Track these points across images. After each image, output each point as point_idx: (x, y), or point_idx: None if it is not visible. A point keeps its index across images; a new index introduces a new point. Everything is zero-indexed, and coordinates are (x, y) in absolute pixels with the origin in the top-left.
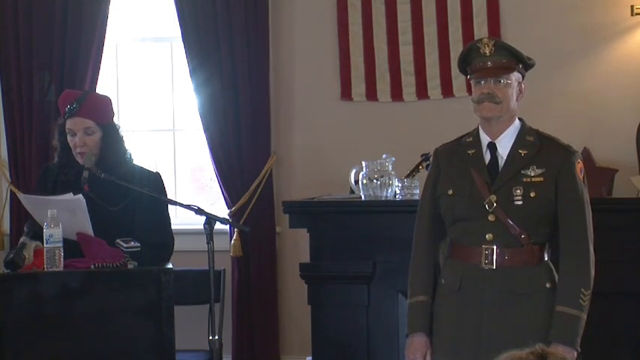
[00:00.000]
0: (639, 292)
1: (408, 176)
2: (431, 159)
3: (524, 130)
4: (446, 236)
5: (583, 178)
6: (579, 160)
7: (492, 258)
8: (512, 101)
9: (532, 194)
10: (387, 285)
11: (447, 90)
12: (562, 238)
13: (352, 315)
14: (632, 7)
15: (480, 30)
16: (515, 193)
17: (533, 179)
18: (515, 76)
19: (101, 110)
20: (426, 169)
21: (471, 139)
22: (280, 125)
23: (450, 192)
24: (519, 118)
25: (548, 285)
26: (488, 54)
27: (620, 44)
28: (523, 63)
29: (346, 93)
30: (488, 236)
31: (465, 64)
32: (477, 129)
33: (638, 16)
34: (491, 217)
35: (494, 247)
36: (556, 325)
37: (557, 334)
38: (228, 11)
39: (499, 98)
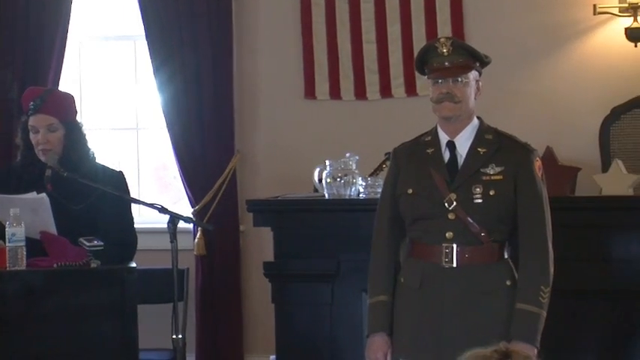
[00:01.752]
0: (600, 290)
1: (371, 175)
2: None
3: (483, 129)
4: (405, 235)
5: (542, 176)
6: (538, 159)
7: (452, 256)
8: (471, 100)
9: (491, 192)
10: (350, 283)
11: (410, 89)
12: (521, 235)
13: (316, 313)
14: (594, 6)
15: (443, 29)
16: (474, 192)
17: (492, 177)
18: (473, 74)
19: (64, 108)
20: None
21: (429, 138)
22: (244, 124)
23: (410, 191)
24: (478, 117)
25: (508, 283)
26: (445, 53)
27: (582, 43)
28: (480, 61)
29: (310, 91)
30: (449, 235)
31: (422, 64)
32: (436, 128)
33: (600, 15)
34: (451, 216)
35: (455, 246)
36: (516, 323)
37: (517, 331)
38: (191, 9)
39: (458, 98)
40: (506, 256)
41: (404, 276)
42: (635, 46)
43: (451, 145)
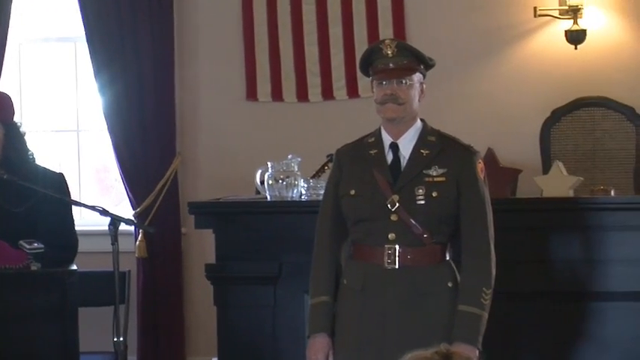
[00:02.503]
0: (540, 291)
1: (313, 176)
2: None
3: (426, 131)
4: (348, 236)
5: (484, 178)
6: (480, 160)
7: (395, 258)
8: (415, 102)
9: (434, 194)
10: (293, 285)
11: (352, 90)
12: (464, 237)
13: (258, 316)
14: (535, 8)
15: (385, 31)
16: (417, 193)
17: (435, 179)
18: (417, 76)
19: (3, 108)
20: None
21: (372, 139)
22: (186, 126)
23: (353, 192)
24: (421, 119)
25: (450, 284)
26: (390, 55)
27: (523, 46)
28: (424, 64)
29: (252, 93)
30: (391, 236)
31: (367, 66)
32: (379, 129)
33: (541, 17)
34: (393, 217)
35: (397, 247)
36: (458, 324)
37: (459, 333)
38: (132, 11)
39: (402, 99)
40: (448, 258)
41: (346, 277)
42: (575, 48)
43: (394, 147)
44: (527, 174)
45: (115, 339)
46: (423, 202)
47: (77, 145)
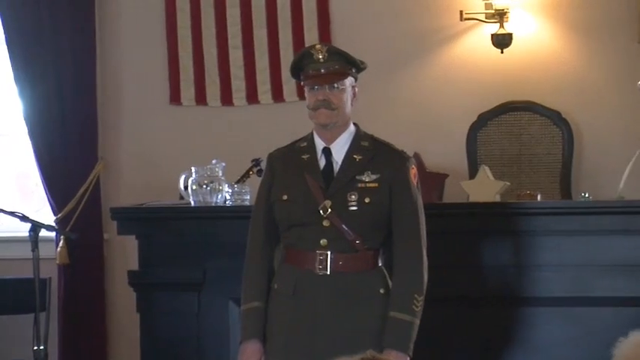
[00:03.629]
0: (470, 296)
1: (238, 182)
2: (263, 164)
3: (359, 136)
4: (280, 242)
5: (417, 183)
6: (413, 166)
7: (326, 263)
8: (348, 106)
9: (367, 200)
10: (217, 292)
11: (277, 95)
12: (396, 243)
13: (182, 323)
14: (461, 12)
15: (310, 34)
16: (349, 199)
17: (367, 185)
18: (349, 80)
19: None
20: (257, 174)
21: (305, 143)
22: (108, 130)
23: (285, 197)
24: (354, 123)
25: (382, 291)
26: (321, 60)
27: (449, 49)
28: (356, 67)
29: (175, 97)
30: (323, 242)
31: (298, 70)
32: (312, 134)
33: (467, 21)
34: (325, 223)
35: (329, 253)
36: (389, 331)
37: (390, 340)
38: (52, 14)
39: (334, 104)
40: (380, 264)
41: (277, 282)
42: (502, 52)
43: (327, 152)
44: (454, 179)
45: (36, 347)
46: (355, 208)
47: None
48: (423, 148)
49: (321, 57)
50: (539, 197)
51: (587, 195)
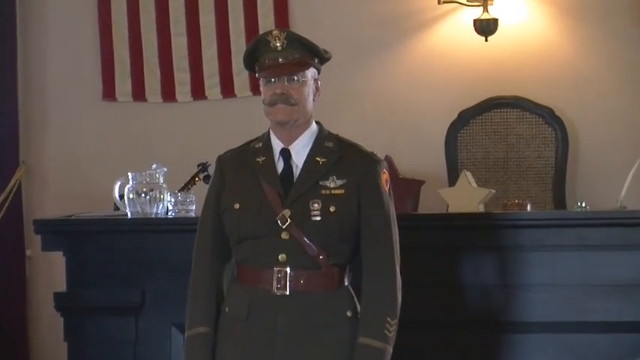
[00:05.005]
0: (450, 321)
1: (182, 189)
2: (211, 169)
3: (323, 135)
4: (231, 257)
5: (389, 190)
6: (385, 170)
7: (285, 282)
8: (309, 102)
9: (331, 209)
10: (158, 316)
11: (227, 89)
12: (365, 259)
13: (117, 352)
14: None
15: (265, 20)
16: (312, 208)
17: (332, 191)
18: (312, 72)
19: None
20: (204, 180)
21: (260, 144)
22: (31, 131)
23: (237, 206)
24: (317, 122)
25: (349, 313)
26: (279, 48)
27: (425, 37)
28: (319, 57)
29: (109, 92)
30: (281, 257)
31: (252, 61)
32: (268, 133)
33: (445, 4)
34: (284, 235)
35: (288, 270)
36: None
37: None
38: None
39: (294, 99)
40: (346, 283)
41: (228, 305)
42: (486, 40)
43: (286, 154)
44: (431, 186)
45: None
46: (318, 218)
47: None
48: (395, 150)
49: (279, 44)
50: (528, 207)
51: (583, 204)
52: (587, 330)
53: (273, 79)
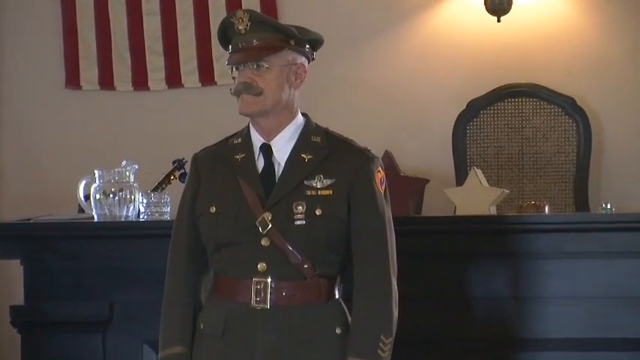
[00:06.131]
0: (455, 338)
1: (155, 189)
2: (188, 166)
3: (309, 129)
4: (209, 267)
5: (384, 191)
6: (380, 168)
7: (266, 295)
8: (282, 90)
9: (318, 212)
10: (128, 333)
11: (206, 75)
12: (357, 269)
13: None
14: None
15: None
16: (295, 211)
17: (319, 192)
18: (287, 56)
19: None
20: (180, 179)
21: (240, 140)
22: None
23: (213, 209)
24: (303, 114)
25: (338, 330)
26: (242, 31)
27: (430, 18)
28: (294, 38)
29: (73, 80)
30: (261, 266)
31: (228, 45)
32: (248, 127)
33: None
34: (264, 242)
35: (269, 281)
36: None
37: None
38: None
39: (259, 88)
40: (337, 296)
41: (203, 321)
42: (498, 20)
43: (266, 150)
44: (436, 185)
45: None
46: (303, 222)
47: None
48: (395, 145)
49: (242, 28)
50: (546, 209)
51: (608, 206)
52: (612, 348)
53: (240, 67)
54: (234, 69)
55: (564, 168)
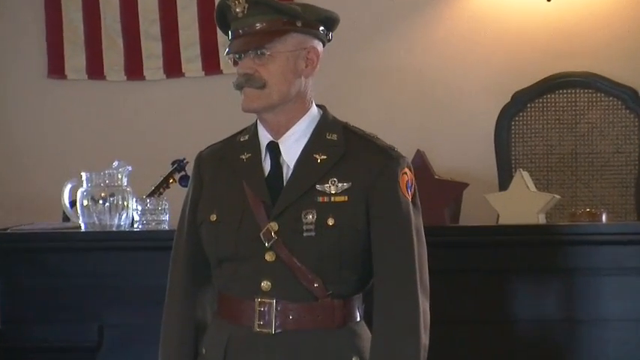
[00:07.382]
0: None
1: (152, 194)
2: (189, 168)
3: (325, 125)
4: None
5: (413, 196)
6: (406, 170)
7: (270, 318)
8: (291, 81)
9: (330, 221)
10: (120, 358)
11: (210, 63)
12: (377, 287)
13: None
14: None
15: None
16: (305, 220)
17: (332, 199)
18: (293, 41)
19: None
20: (180, 182)
21: (247, 137)
22: None
23: (214, 217)
24: (319, 106)
25: (354, 359)
26: (241, 15)
27: None
28: (301, 19)
29: (56, 68)
30: (265, 284)
31: (228, 30)
32: (256, 123)
33: None
34: (269, 257)
35: (274, 302)
36: None
37: None
38: None
39: (262, 80)
40: (358, 319)
41: (205, 344)
42: (548, 0)
43: (274, 149)
44: (476, 189)
45: None
46: (312, 233)
47: None
48: (429, 143)
49: (239, 11)
50: (604, 218)
51: None
52: None
53: (240, 55)
54: (235, 58)
55: (624, 170)
